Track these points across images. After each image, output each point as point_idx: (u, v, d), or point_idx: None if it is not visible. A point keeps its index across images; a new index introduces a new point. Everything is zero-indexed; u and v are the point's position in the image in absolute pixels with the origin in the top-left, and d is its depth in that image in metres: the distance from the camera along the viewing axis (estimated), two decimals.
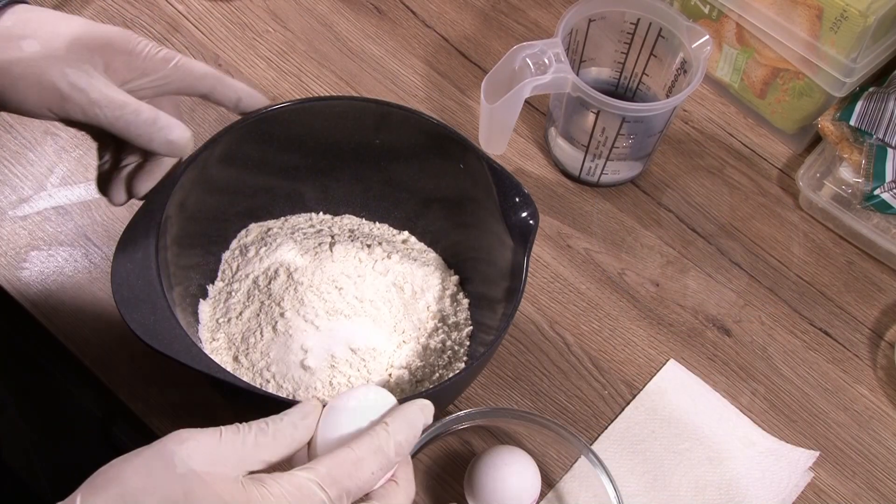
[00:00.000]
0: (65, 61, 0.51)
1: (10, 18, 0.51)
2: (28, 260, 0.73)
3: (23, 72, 0.50)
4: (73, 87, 0.51)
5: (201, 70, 0.57)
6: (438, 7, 0.91)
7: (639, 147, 0.79)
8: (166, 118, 0.54)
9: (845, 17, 0.73)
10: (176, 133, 0.54)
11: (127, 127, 0.52)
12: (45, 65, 0.51)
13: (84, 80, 0.51)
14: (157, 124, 0.53)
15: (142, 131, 0.53)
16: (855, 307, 0.78)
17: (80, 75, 0.51)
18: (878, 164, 0.77)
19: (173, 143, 0.54)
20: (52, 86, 0.51)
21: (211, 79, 0.57)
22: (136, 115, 0.52)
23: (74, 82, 0.51)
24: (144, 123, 0.53)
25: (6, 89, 0.51)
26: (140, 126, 0.53)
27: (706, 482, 0.69)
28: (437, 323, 0.69)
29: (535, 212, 0.63)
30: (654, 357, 0.74)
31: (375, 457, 0.44)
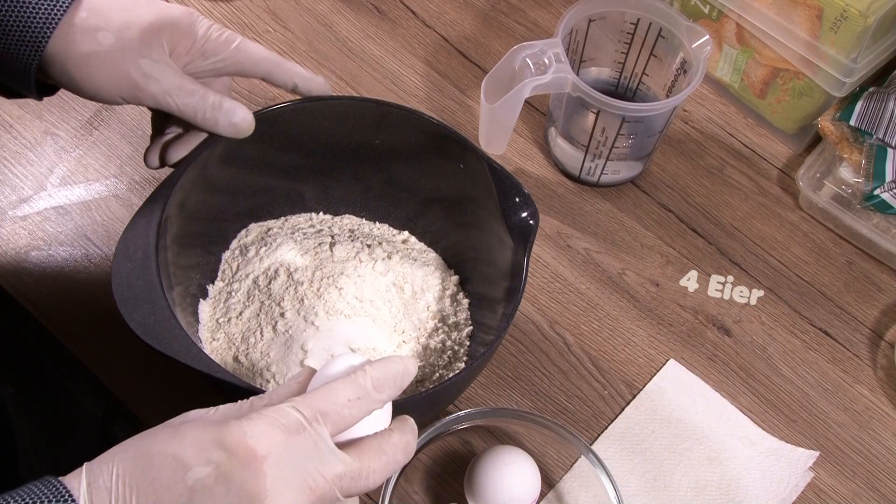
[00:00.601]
0: (138, 52, 0.54)
1: (84, 8, 0.53)
2: (28, 260, 0.73)
3: (100, 64, 0.53)
4: (147, 77, 0.54)
5: (260, 53, 0.59)
6: (438, 7, 0.91)
7: (639, 147, 0.79)
8: (230, 102, 0.57)
9: (845, 17, 0.73)
10: (239, 115, 0.57)
11: (195, 112, 0.56)
12: (120, 57, 0.53)
13: (157, 70, 0.54)
14: (222, 108, 0.56)
15: (208, 116, 0.56)
16: (855, 307, 0.78)
17: (152, 66, 0.54)
18: (878, 164, 0.77)
19: (237, 126, 0.57)
20: (127, 77, 0.54)
21: (268, 63, 0.60)
22: (204, 101, 0.56)
23: (148, 73, 0.54)
24: (211, 108, 0.56)
25: (84, 80, 0.54)
26: (207, 111, 0.56)
27: (706, 482, 0.69)
28: (437, 323, 0.69)
29: (535, 212, 0.63)
30: (654, 357, 0.74)
31: (350, 385, 0.45)
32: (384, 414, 0.48)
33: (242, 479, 0.41)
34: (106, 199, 0.77)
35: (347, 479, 0.44)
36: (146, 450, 0.42)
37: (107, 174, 0.78)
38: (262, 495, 0.41)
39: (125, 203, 0.77)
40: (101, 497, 0.40)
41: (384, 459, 0.45)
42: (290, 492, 0.42)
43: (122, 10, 0.54)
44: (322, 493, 0.43)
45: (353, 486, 0.44)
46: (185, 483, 0.41)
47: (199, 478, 0.41)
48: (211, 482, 0.41)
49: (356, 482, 0.44)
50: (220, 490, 0.41)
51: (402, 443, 0.46)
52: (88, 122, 0.81)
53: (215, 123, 0.57)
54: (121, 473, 0.41)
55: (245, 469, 0.41)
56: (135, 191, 0.78)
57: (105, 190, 0.77)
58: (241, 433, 0.42)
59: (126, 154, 0.79)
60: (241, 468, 0.41)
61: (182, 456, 0.41)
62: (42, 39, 0.52)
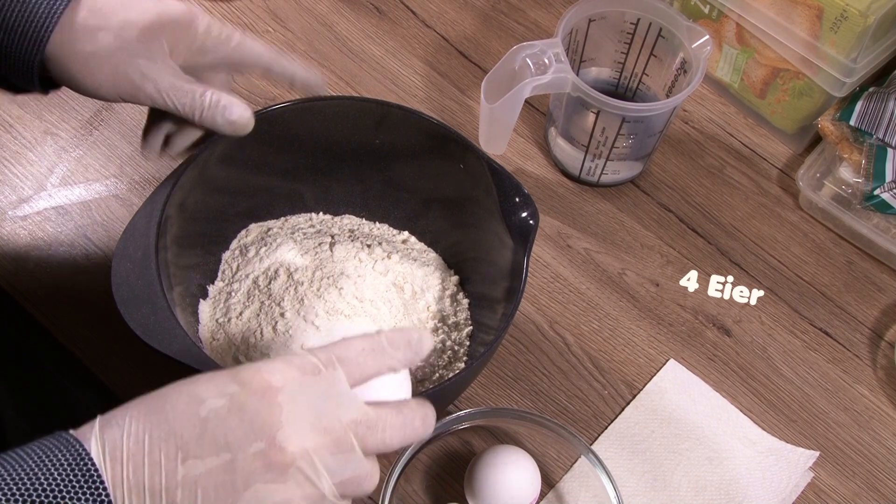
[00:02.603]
0: (137, 53, 0.54)
1: (84, 7, 0.54)
2: (28, 260, 0.73)
3: (99, 63, 0.54)
4: (145, 77, 0.54)
5: (258, 50, 0.59)
6: (438, 7, 0.91)
7: (639, 147, 0.79)
8: (227, 98, 0.56)
9: (845, 17, 0.73)
10: (237, 113, 0.57)
11: (192, 111, 0.56)
12: (119, 57, 0.54)
13: (154, 70, 0.55)
14: (219, 106, 0.56)
15: (206, 114, 0.56)
16: (855, 307, 0.78)
17: (151, 66, 0.54)
18: (878, 164, 0.77)
19: (235, 123, 0.57)
20: (125, 76, 0.54)
21: (266, 59, 0.60)
22: (202, 100, 0.56)
23: (146, 73, 0.54)
24: (209, 107, 0.56)
25: (84, 78, 0.54)
26: (205, 109, 0.56)
27: (706, 482, 0.69)
28: (437, 323, 0.69)
29: (535, 212, 0.63)
30: (654, 357, 0.74)
31: (365, 338, 0.45)
32: (403, 385, 0.48)
33: (257, 408, 0.41)
34: (106, 199, 0.77)
35: (364, 426, 0.43)
36: (160, 393, 0.42)
37: (107, 174, 0.78)
38: (276, 424, 0.41)
39: (125, 203, 0.77)
40: (114, 435, 0.40)
41: (401, 419, 0.45)
42: (306, 427, 0.41)
43: (122, 10, 0.54)
44: (338, 436, 0.42)
45: (369, 437, 0.43)
46: (198, 415, 0.41)
47: (214, 408, 0.41)
48: (224, 412, 0.41)
49: (373, 432, 0.43)
50: (233, 420, 0.41)
51: (420, 411, 0.46)
52: (88, 122, 0.81)
53: (213, 121, 0.57)
54: (135, 415, 0.41)
55: (260, 399, 0.41)
56: (135, 191, 0.78)
57: (105, 190, 0.77)
58: (256, 369, 0.42)
59: (126, 154, 0.79)
60: (256, 398, 0.41)
61: (196, 390, 0.41)
62: (43, 36, 0.52)
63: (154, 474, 0.40)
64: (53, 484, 0.39)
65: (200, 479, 0.40)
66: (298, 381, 0.42)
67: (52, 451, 0.40)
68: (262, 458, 0.41)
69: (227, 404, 0.41)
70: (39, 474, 0.39)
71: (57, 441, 0.40)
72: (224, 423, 0.41)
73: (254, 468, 0.40)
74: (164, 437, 0.40)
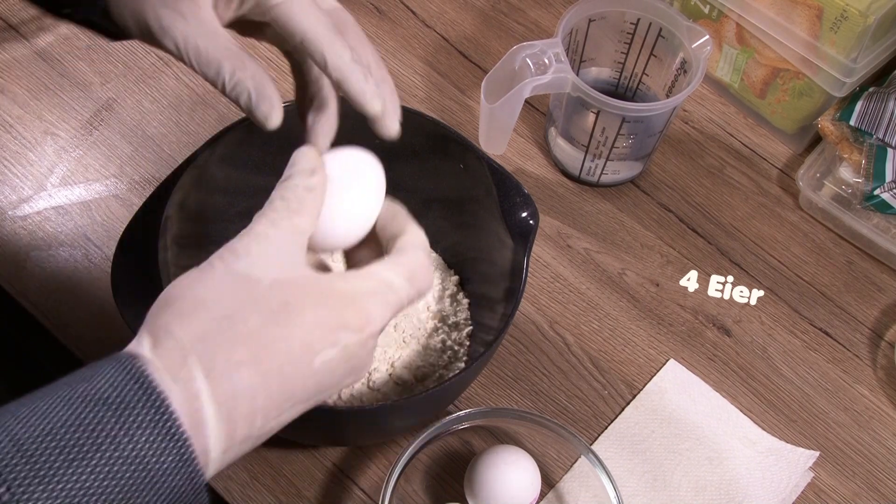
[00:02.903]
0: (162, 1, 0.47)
1: None
2: (28, 260, 0.73)
3: (125, 5, 0.48)
4: (164, 31, 0.47)
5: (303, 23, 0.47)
6: (438, 7, 0.91)
7: (639, 147, 0.79)
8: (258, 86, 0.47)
9: (845, 17, 0.73)
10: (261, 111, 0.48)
11: (217, 85, 0.48)
12: (141, 3, 0.47)
13: (177, 24, 0.46)
14: (244, 93, 0.47)
15: (232, 94, 0.48)
16: (855, 307, 0.78)
17: (173, 18, 0.46)
18: (878, 164, 0.77)
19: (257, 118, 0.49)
20: (146, 24, 0.47)
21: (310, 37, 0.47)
22: (225, 77, 0.47)
23: (165, 26, 0.47)
24: (232, 88, 0.47)
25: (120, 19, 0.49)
26: (228, 89, 0.47)
27: (706, 482, 0.69)
28: (437, 323, 0.69)
29: (535, 212, 0.63)
30: (654, 357, 0.74)
31: (429, 259, 0.48)
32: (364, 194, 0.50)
33: (360, 356, 0.43)
34: (106, 199, 0.77)
35: None
36: (266, 335, 0.40)
37: (107, 174, 0.78)
38: (368, 366, 0.44)
39: (125, 203, 0.77)
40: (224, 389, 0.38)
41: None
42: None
43: None
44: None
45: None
46: (311, 367, 0.41)
47: (325, 360, 0.41)
48: (335, 364, 0.41)
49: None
50: (341, 369, 0.42)
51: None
52: (88, 122, 0.81)
53: (239, 104, 0.48)
54: (242, 359, 0.39)
55: (363, 347, 0.43)
56: (135, 191, 0.78)
57: (105, 190, 0.77)
58: (362, 311, 0.42)
59: (126, 154, 0.79)
60: (361, 347, 0.42)
61: (310, 341, 0.41)
62: None
63: (260, 427, 0.40)
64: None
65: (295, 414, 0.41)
66: (388, 319, 0.44)
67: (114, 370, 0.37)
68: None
69: (338, 355, 0.42)
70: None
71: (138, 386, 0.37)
72: (333, 373, 0.42)
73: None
74: (278, 391, 0.40)
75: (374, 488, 0.67)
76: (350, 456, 0.68)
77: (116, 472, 0.35)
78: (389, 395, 0.65)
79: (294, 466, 0.67)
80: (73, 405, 0.35)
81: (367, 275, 0.44)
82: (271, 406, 0.40)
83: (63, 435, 0.34)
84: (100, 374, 0.37)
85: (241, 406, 0.38)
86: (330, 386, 0.42)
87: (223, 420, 0.38)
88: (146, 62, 0.85)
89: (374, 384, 0.65)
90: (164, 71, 0.84)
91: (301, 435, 0.66)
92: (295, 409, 0.41)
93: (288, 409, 0.40)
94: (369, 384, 0.65)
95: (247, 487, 0.66)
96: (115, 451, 0.35)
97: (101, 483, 0.34)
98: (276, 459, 0.67)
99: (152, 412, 0.36)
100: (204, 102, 0.83)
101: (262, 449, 0.67)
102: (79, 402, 0.35)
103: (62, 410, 0.35)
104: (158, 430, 0.36)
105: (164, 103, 0.83)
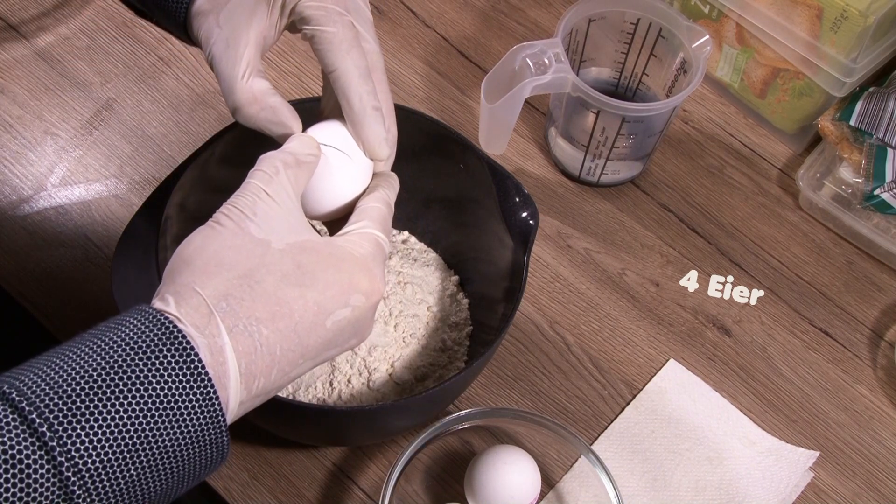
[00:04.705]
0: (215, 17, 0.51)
1: None
2: (28, 260, 0.73)
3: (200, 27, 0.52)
4: (205, 41, 0.51)
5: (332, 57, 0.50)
6: (438, 7, 0.91)
7: (639, 147, 0.79)
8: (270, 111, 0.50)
9: (845, 17, 0.73)
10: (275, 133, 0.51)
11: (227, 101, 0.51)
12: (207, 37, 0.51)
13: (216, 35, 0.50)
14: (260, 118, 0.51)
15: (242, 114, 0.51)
16: (855, 307, 0.78)
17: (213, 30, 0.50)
18: (878, 164, 0.77)
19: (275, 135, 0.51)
20: (197, 37, 0.52)
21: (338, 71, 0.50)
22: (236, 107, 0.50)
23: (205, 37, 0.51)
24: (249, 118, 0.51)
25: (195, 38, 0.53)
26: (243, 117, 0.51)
27: (706, 482, 0.69)
28: (437, 323, 0.69)
29: (535, 212, 0.63)
30: (654, 357, 0.74)
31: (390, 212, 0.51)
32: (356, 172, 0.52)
33: (366, 318, 0.46)
34: (106, 199, 0.77)
35: None
36: (283, 295, 0.42)
37: (107, 174, 0.78)
38: (370, 328, 0.47)
39: (125, 203, 0.77)
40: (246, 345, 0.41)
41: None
42: None
43: None
44: None
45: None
46: (324, 326, 0.43)
47: (337, 320, 0.44)
48: (345, 323, 0.44)
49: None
50: (349, 331, 0.45)
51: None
52: (88, 122, 0.81)
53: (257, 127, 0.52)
54: (261, 317, 0.41)
55: (371, 310, 0.46)
56: (135, 191, 0.78)
57: (105, 190, 0.77)
58: (373, 276, 0.45)
59: (126, 154, 0.79)
60: (369, 310, 0.46)
61: (324, 302, 0.43)
62: None
63: (274, 381, 0.42)
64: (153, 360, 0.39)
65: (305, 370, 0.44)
66: None
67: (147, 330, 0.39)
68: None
69: (349, 316, 0.44)
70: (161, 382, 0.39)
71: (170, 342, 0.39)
72: (342, 333, 0.45)
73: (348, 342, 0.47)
74: (292, 349, 0.42)
75: (374, 488, 0.67)
76: (350, 456, 0.68)
77: (147, 411, 0.37)
78: (389, 395, 0.65)
79: (294, 466, 0.67)
80: (104, 351, 0.38)
81: (364, 237, 0.47)
82: (286, 362, 0.42)
83: (97, 378, 0.37)
84: (127, 324, 0.40)
85: (260, 361, 0.41)
86: (338, 345, 0.45)
87: (243, 374, 0.40)
88: (146, 62, 0.85)
89: (374, 384, 0.65)
90: (164, 71, 0.84)
91: (301, 435, 0.66)
92: (305, 364, 0.44)
93: (300, 365, 0.43)
94: (369, 384, 0.65)
95: (247, 487, 0.66)
96: (146, 391, 0.37)
97: (134, 421, 0.37)
98: (276, 459, 0.67)
99: (179, 355, 0.38)
100: (204, 102, 0.83)
101: (262, 449, 0.67)
102: (109, 348, 0.38)
103: (94, 356, 0.38)
104: (185, 371, 0.38)
105: (164, 103, 0.83)
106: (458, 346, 0.68)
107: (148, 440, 0.37)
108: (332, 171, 0.50)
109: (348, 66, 0.50)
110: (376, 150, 0.52)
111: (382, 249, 0.48)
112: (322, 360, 0.45)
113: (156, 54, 0.85)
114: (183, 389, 0.38)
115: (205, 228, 0.44)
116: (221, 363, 0.40)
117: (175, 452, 0.38)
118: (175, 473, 0.39)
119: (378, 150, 0.52)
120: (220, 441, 0.40)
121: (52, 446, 0.35)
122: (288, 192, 0.46)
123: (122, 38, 0.86)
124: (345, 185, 0.51)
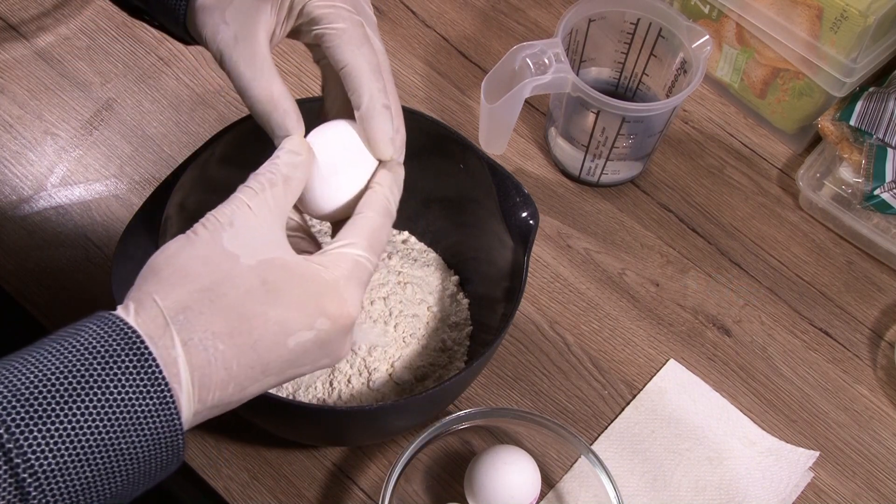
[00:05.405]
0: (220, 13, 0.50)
1: None
2: (28, 260, 0.73)
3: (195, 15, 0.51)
4: (227, 68, 0.50)
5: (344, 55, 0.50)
6: (438, 7, 0.91)
7: (639, 147, 0.79)
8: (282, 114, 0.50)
9: (845, 17, 0.73)
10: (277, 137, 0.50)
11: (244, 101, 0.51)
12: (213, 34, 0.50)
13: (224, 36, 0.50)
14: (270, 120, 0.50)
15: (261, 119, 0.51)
16: (855, 307, 0.78)
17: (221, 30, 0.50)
18: (878, 164, 0.77)
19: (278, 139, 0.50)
20: (214, 54, 0.51)
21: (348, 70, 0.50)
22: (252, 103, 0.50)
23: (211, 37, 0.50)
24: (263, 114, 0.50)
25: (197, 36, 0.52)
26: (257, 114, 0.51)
27: (706, 482, 0.69)
28: (437, 323, 0.69)
29: (535, 212, 0.63)
30: (654, 357, 0.74)
31: (387, 219, 0.49)
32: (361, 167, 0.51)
33: (336, 341, 0.45)
34: (106, 199, 0.77)
35: None
36: (244, 315, 0.42)
37: (107, 174, 0.78)
38: (346, 350, 0.46)
39: (125, 203, 0.77)
40: (201, 360, 0.40)
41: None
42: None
43: None
44: None
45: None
46: (286, 346, 0.43)
47: (301, 342, 0.43)
48: (310, 345, 0.44)
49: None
50: (316, 352, 0.44)
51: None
52: (88, 122, 0.81)
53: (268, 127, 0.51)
54: (218, 332, 0.41)
55: (340, 333, 0.45)
56: (135, 191, 0.78)
57: (105, 190, 0.77)
58: (342, 301, 0.44)
59: (126, 154, 0.79)
60: (338, 333, 0.45)
61: (286, 321, 0.43)
62: None
63: (231, 394, 0.42)
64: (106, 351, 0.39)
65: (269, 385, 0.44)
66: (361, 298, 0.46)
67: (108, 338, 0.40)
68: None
69: (314, 338, 0.44)
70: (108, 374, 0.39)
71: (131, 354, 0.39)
72: (307, 354, 0.44)
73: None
74: (251, 365, 0.42)
75: (374, 488, 0.67)
76: (350, 456, 0.68)
77: (104, 413, 0.38)
78: (389, 395, 0.65)
79: (294, 466, 0.67)
80: (62, 355, 0.38)
81: (340, 257, 0.46)
82: (244, 377, 0.42)
83: (54, 381, 0.37)
84: (86, 329, 0.40)
85: (215, 375, 0.41)
86: (304, 364, 0.44)
87: (196, 385, 0.40)
88: (146, 62, 0.85)
89: (374, 384, 0.65)
90: (164, 71, 0.84)
91: (301, 435, 0.66)
92: (268, 380, 0.43)
93: (261, 380, 0.43)
94: (369, 384, 0.65)
95: (247, 487, 0.66)
96: (103, 394, 0.38)
97: (91, 423, 0.37)
98: (276, 459, 0.67)
99: (136, 359, 0.39)
100: (204, 102, 0.83)
101: (262, 449, 0.67)
102: (68, 353, 0.38)
103: (53, 359, 0.38)
104: (141, 375, 0.39)
105: (164, 103, 0.83)
106: (458, 346, 0.68)
107: (104, 442, 0.38)
108: (336, 171, 0.50)
109: (360, 62, 0.50)
110: (383, 149, 0.51)
111: (362, 269, 0.46)
112: (290, 377, 0.44)
113: (156, 54, 0.85)
114: (139, 392, 0.38)
115: (181, 237, 0.44)
116: (175, 374, 0.40)
117: (131, 454, 0.39)
118: (131, 475, 0.39)
119: (385, 149, 0.51)
120: (175, 444, 0.40)
121: (8, 448, 0.35)
122: (270, 209, 0.45)
123: (122, 38, 0.86)
124: (348, 187, 0.51)
